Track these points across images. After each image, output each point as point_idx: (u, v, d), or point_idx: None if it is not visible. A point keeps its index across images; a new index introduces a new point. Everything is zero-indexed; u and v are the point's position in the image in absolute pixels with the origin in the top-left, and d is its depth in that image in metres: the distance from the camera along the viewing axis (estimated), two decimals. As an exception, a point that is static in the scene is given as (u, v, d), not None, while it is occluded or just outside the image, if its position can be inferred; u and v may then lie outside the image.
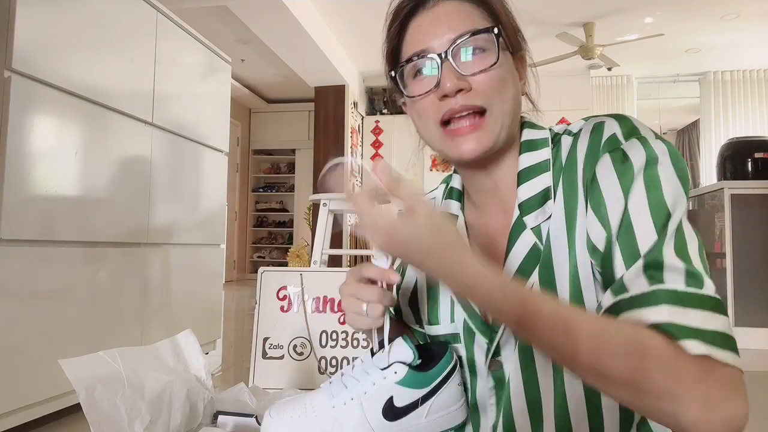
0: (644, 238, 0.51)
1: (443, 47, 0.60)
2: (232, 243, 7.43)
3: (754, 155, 3.26)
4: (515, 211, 0.63)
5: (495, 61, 0.59)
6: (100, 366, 0.73)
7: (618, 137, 0.56)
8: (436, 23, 0.61)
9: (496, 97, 0.60)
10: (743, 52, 5.81)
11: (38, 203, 1.64)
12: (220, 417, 0.88)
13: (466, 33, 0.59)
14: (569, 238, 0.59)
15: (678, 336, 0.46)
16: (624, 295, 0.51)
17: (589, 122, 0.61)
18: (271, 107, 7.98)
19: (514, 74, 0.63)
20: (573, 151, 0.60)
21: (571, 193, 0.59)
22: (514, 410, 0.63)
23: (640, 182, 0.53)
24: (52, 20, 1.68)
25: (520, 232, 0.62)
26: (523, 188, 0.63)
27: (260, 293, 1.79)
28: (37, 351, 1.62)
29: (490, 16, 0.62)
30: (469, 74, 0.59)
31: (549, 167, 0.62)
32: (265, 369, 1.72)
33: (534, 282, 0.60)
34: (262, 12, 4.14)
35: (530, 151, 0.64)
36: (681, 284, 0.48)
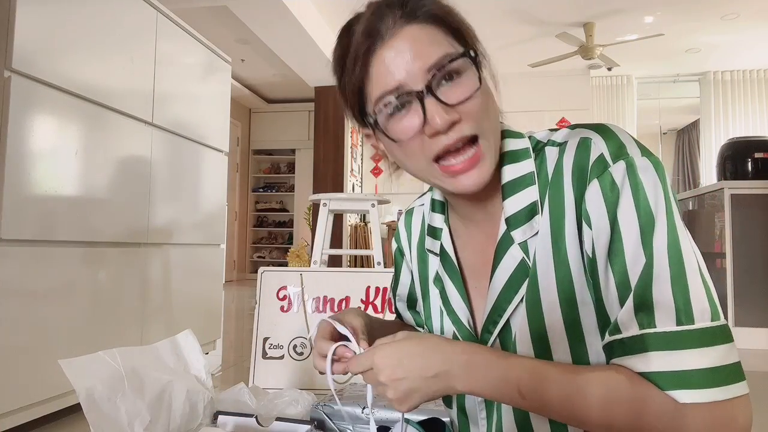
0: (635, 266, 0.51)
1: (419, 80, 0.55)
2: (232, 243, 7.43)
3: (754, 155, 3.26)
4: (502, 225, 0.62)
5: (479, 85, 0.56)
6: (100, 366, 0.73)
7: (606, 158, 0.54)
8: (401, 55, 0.55)
9: (485, 120, 0.57)
10: (743, 52, 5.81)
11: (38, 203, 1.63)
12: (220, 417, 0.88)
13: (440, 61, 0.55)
14: (557, 255, 0.57)
15: (665, 387, 0.48)
16: (616, 336, 0.52)
17: (574, 134, 0.58)
18: (271, 107, 7.98)
19: (489, 87, 0.60)
20: (559, 166, 0.58)
21: (558, 211, 0.57)
22: (505, 427, 0.63)
23: (629, 209, 0.52)
24: (52, 20, 1.68)
25: (508, 247, 0.61)
26: (510, 202, 0.61)
27: (260, 293, 1.79)
28: (37, 351, 1.62)
29: (453, 34, 0.57)
30: (456, 104, 0.55)
31: (534, 180, 0.60)
32: (265, 369, 1.72)
33: (521, 299, 0.60)
34: (262, 12, 4.14)
35: (513, 163, 0.62)
36: (671, 324, 0.49)
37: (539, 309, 0.58)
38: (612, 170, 0.53)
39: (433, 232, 0.72)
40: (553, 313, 0.58)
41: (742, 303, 3.05)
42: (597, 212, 0.53)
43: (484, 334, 0.63)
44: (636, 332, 0.50)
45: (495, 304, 0.62)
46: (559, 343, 0.57)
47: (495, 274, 0.62)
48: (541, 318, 0.58)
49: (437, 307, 0.71)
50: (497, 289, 0.61)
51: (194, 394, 0.83)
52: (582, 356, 0.57)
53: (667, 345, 0.48)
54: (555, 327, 0.57)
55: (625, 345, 0.51)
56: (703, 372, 0.47)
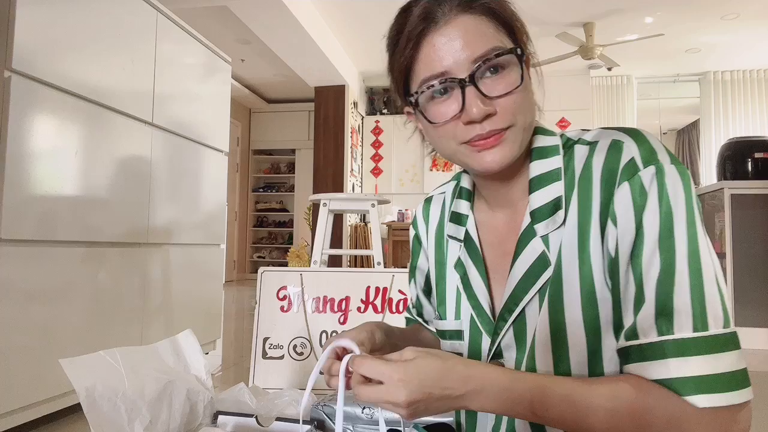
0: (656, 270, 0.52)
1: (464, 69, 0.57)
2: (232, 243, 7.43)
3: (754, 155, 3.26)
4: (526, 218, 0.64)
5: (520, 82, 0.58)
6: (100, 366, 0.73)
7: (637, 162, 0.55)
8: (452, 42, 0.57)
9: (519, 116, 0.59)
10: (743, 52, 5.81)
11: (38, 203, 1.64)
12: (220, 417, 0.88)
13: (487, 54, 0.57)
14: (581, 252, 0.59)
15: (685, 392, 0.49)
16: (634, 341, 0.53)
17: (606, 135, 0.60)
18: (271, 107, 7.98)
19: (530, 84, 0.62)
20: (588, 165, 0.60)
21: (586, 208, 0.59)
22: (517, 426, 0.63)
23: (655, 214, 0.53)
24: (52, 20, 1.68)
25: (530, 239, 0.63)
26: (536, 196, 0.63)
27: (260, 293, 1.79)
28: (37, 351, 1.62)
29: (505, 28, 0.60)
30: (494, 97, 0.57)
31: (561, 176, 0.62)
32: (265, 369, 1.72)
33: (537, 289, 0.62)
34: (262, 12, 4.14)
35: (542, 159, 0.64)
36: (688, 330, 0.50)
37: (561, 303, 0.60)
38: (642, 174, 0.55)
39: (458, 218, 0.73)
40: (573, 308, 0.59)
41: (742, 303, 3.06)
42: (624, 214, 0.55)
43: (500, 321, 0.65)
44: (655, 338, 0.51)
45: (512, 293, 0.63)
46: (577, 339, 0.59)
47: (515, 264, 0.64)
48: (561, 312, 0.60)
49: (453, 290, 0.73)
50: (516, 278, 0.63)
51: (194, 394, 0.83)
52: (597, 353, 0.58)
53: (684, 351, 0.50)
54: (574, 322, 0.59)
55: (643, 351, 0.52)
56: (719, 376, 0.49)
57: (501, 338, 0.64)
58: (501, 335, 0.64)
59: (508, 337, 0.64)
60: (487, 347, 0.66)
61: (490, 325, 0.66)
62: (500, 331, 0.64)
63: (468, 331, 0.69)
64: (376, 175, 6.96)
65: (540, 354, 0.61)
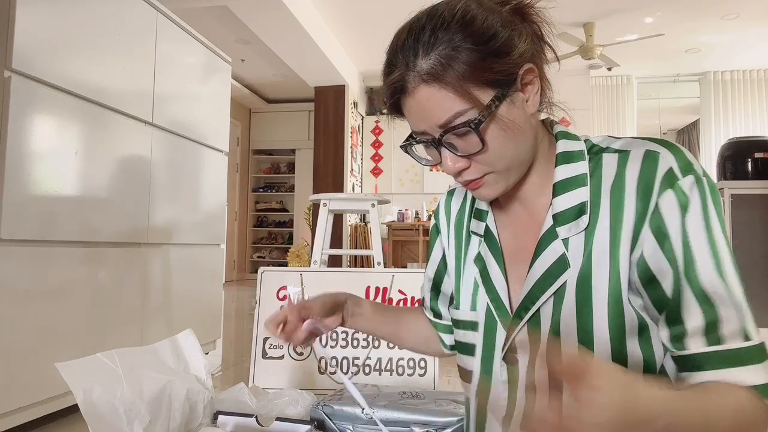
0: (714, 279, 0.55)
1: (435, 132, 0.61)
2: (232, 243, 7.43)
3: (754, 155, 3.26)
4: (548, 219, 0.65)
5: (480, 147, 0.60)
6: (97, 368, 0.73)
7: (675, 172, 0.57)
8: (420, 110, 0.61)
9: (495, 164, 0.62)
10: (743, 52, 5.81)
11: (38, 203, 1.63)
12: (220, 417, 0.88)
13: (447, 122, 0.59)
14: (612, 258, 0.60)
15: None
16: (716, 347, 0.55)
17: (638, 144, 0.62)
18: (271, 107, 7.98)
19: (512, 122, 0.60)
20: (621, 174, 0.61)
21: (617, 216, 0.60)
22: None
23: (700, 226, 0.56)
24: (52, 20, 1.68)
25: (551, 241, 0.64)
26: (560, 200, 0.64)
27: (260, 293, 1.79)
28: (37, 351, 1.62)
29: (462, 92, 0.58)
30: (463, 155, 0.61)
31: (586, 181, 0.63)
32: (265, 369, 1.72)
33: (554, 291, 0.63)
34: (262, 12, 4.14)
35: (567, 164, 0.65)
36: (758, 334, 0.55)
37: (589, 307, 0.61)
38: (681, 183, 0.57)
39: (480, 214, 0.75)
40: (601, 313, 0.60)
41: (742, 303, 3.05)
42: (673, 222, 0.57)
43: (516, 318, 0.66)
44: (742, 344, 0.54)
45: (530, 292, 0.65)
46: (602, 344, 0.60)
47: (535, 264, 0.65)
48: (589, 315, 0.61)
49: (470, 282, 0.74)
50: (534, 277, 0.65)
51: (194, 394, 0.83)
52: (621, 362, 0.59)
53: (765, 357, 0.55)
54: (601, 327, 0.60)
55: (729, 357, 0.54)
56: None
57: (516, 334, 0.66)
58: (516, 331, 0.66)
59: (522, 333, 0.65)
60: (501, 341, 0.68)
61: (507, 318, 0.67)
62: (516, 327, 0.66)
63: (483, 323, 0.71)
64: (376, 175, 6.96)
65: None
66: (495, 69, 0.58)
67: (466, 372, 0.74)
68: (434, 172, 6.80)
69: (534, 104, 0.63)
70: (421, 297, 0.93)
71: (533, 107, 0.63)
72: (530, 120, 0.63)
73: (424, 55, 0.58)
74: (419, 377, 1.70)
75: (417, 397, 1.08)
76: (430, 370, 1.71)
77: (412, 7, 0.66)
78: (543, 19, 0.67)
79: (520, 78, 0.61)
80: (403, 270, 1.91)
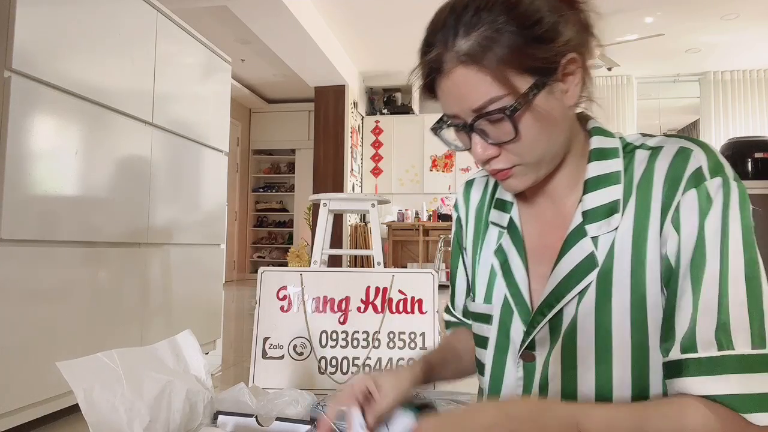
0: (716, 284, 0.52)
1: (467, 116, 0.59)
2: (232, 243, 7.43)
3: (754, 155, 3.26)
4: (577, 216, 0.63)
5: (513, 136, 0.58)
6: (98, 368, 0.73)
7: (704, 172, 0.56)
8: (455, 92, 0.59)
9: (526, 155, 0.60)
10: (743, 52, 5.81)
11: (38, 203, 1.63)
12: (220, 417, 0.88)
13: (481, 107, 0.57)
14: (636, 256, 0.59)
15: (744, 410, 0.49)
16: (693, 354, 0.52)
17: (672, 142, 0.60)
18: (271, 107, 7.98)
19: (548, 114, 0.58)
20: (650, 170, 0.60)
21: (644, 212, 0.59)
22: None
23: (718, 226, 0.54)
24: (52, 20, 1.68)
25: (579, 239, 0.62)
26: (590, 197, 0.62)
27: (260, 293, 1.79)
28: (37, 351, 1.62)
29: (501, 77, 0.56)
30: (495, 143, 0.59)
31: (620, 179, 0.61)
32: (265, 369, 1.72)
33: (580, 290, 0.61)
34: (262, 12, 4.14)
35: (600, 160, 0.63)
36: (748, 347, 0.50)
37: (608, 306, 0.60)
38: (708, 184, 0.55)
39: (503, 205, 0.73)
40: (622, 312, 0.59)
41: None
42: (689, 221, 0.55)
43: (537, 316, 0.64)
44: (715, 353, 0.51)
45: (554, 290, 0.63)
46: (622, 343, 0.59)
47: (561, 261, 0.63)
48: (609, 314, 0.59)
49: (486, 274, 0.72)
50: (559, 275, 0.63)
51: (194, 394, 0.83)
52: (642, 361, 0.58)
53: (746, 368, 0.50)
54: (621, 325, 0.59)
55: (702, 365, 0.52)
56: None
57: (537, 332, 0.64)
58: (537, 329, 0.64)
59: (543, 331, 0.64)
60: (519, 337, 0.66)
61: (527, 315, 0.66)
62: (537, 324, 0.64)
63: (498, 316, 0.69)
64: (376, 175, 6.96)
65: (582, 355, 0.61)
66: (537, 56, 0.56)
67: (480, 364, 0.72)
68: (434, 171, 6.81)
69: (573, 96, 0.61)
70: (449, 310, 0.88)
71: (572, 99, 0.61)
72: (567, 113, 0.61)
73: (464, 36, 0.56)
74: (419, 377, 1.70)
75: (417, 397, 1.08)
76: (430, 370, 1.71)
77: (412, 8, 0.66)
78: (591, 8, 0.64)
79: (562, 67, 0.58)
80: (403, 270, 1.91)
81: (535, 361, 0.65)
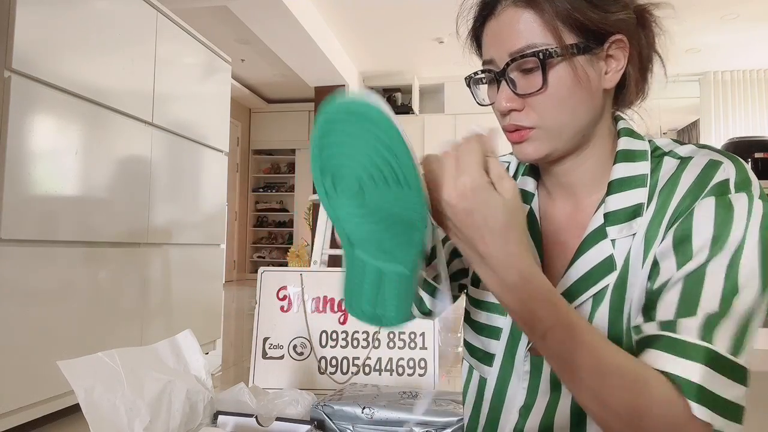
0: (707, 300, 0.51)
1: (502, 61, 0.59)
2: (232, 243, 7.43)
3: (754, 155, 3.26)
4: (598, 217, 0.62)
5: (540, 86, 0.57)
6: (99, 367, 0.73)
7: (729, 185, 0.54)
8: (498, 33, 0.60)
9: (548, 116, 0.59)
10: (743, 52, 5.81)
11: (38, 203, 1.64)
12: (220, 417, 0.88)
13: (518, 51, 0.58)
14: (644, 261, 0.58)
15: (689, 395, 0.48)
16: (671, 333, 0.51)
17: (704, 153, 0.58)
18: (271, 107, 7.98)
19: (581, 80, 0.58)
20: (676, 178, 0.58)
21: (658, 220, 0.58)
22: (559, 412, 0.63)
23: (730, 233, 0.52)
24: (52, 20, 1.68)
25: (598, 240, 0.61)
26: (614, 198, 0.61)
27: (260, 293, 1.79)
28: (37, 351, 1.62)
29: (548, 25, 0.57)
30: (521, 94, 0.59)
31: (646, 182, 0.60)
32: (265, 369, 1.72)
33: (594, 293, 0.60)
34: (262, 12, 4.14)
35: (627, 162, 0.62)
36: (724, 351, 0.49)
37: (621, 311, 0.59)
38: (732, 197, 0.53)
39: (524, 196, 0.71)
40: (632, 318, 0.58)
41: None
42: (700, 222, 0.53)
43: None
44: (693, 340, 0.50)
45: (569, 289, 0.62)
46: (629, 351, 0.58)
47: (577, 261, 0.62)
48: (621, 320, 0.59)
49: None
50: (573, 276, 0.62)
51: (194, 394, 0.83)
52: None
53: (716, 366, 0.49)
54: (631, 335, 0.58)
55: (676, 345, 0.50)
56: (731, 404, 0.49)
57: None
58: None
59: None
60: None
61: None
62: None
63: None
64: (376, 175, 6.95)
65: None
66: (589, 16, 0.57)
67: (487, 355, 0.71)
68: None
69: (611, 81, 0.61)
70: None
71: (610, 83, 0.61)
72: (600, 94, 0.61)
73: None
74: (419, 377, 1.70)
75: (417, 397, 1.08)
76: (430, 370, 1.71)
77: (413, 8, 0.67)
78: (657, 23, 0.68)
79: (608, 44, 0.59)
80: (403, 270, 1.91)
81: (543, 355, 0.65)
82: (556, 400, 0.63)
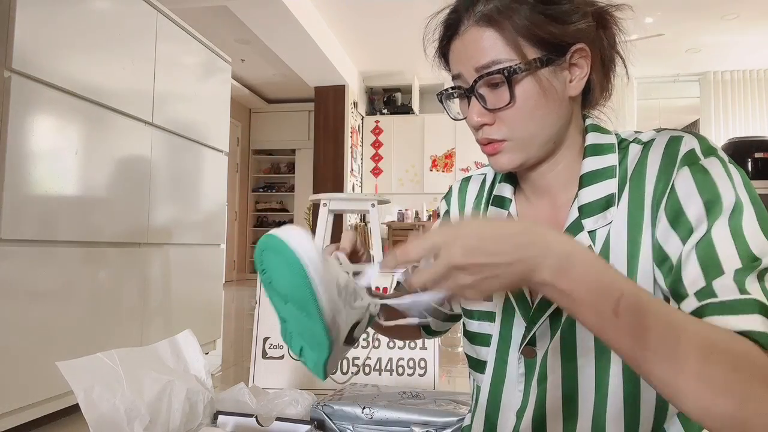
0: (726, 260, 0.50)
1: (471, 77, 0.61)
2: (232, 243, 7.43)
3: (754, 155, 3.26)
4: (573, 212, 0.63)
5: (508, 101, 0.60)
6: (98, 367, 0.73)
7: (697, 153, 0.56)
8: (464, 51, 0.62)
9: (518, 128, 0.61)
10: (743, 52, 5.81)
11: (38, 203, 1.64)
12: (220, 417, 0.88)
13: (484, 67, 0.60)
14: (632, 247, 0.59)
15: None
16: (713, 299, 0.49)
17: (662, 134, 0.61)
18: (271, 107, 7.98)
19: (546, 91, 0.60)
20: (643, 161, 0.60)
21: (637, 204, 0.59)
22: (548, 404, 0.63)
23: (719, 190, 0.53)
24: (52, 20, 1.68)
25: (577, 233, 0.62)
26: (586, 191, 0.63)
27: (260, 293, 1.79)
28: (37, 351, 1.62)
29: (511, 42, 0.59)
30: (491, 109, 0.61)
31: (615, 173, 0.62)
32: (265, 369, 1.72)
33: None
34: (262, 12, 4.14)
35: (595, 156, 0.64)
36: (762, 298, 0.48)
37: None
38: (703, 163, 0.55)
39: (501, 201, 0.73)
40: None
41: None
42: (686, 193, 0.54)
43: (537, 312, 0.64)
44: (738, 296, 0.48)
45: None
46: None
47: None
48: None
49: None
50: None
51: (194, 394, 0.83)
52: None
53: (766, 313, 0.47)
54: None
55: (725, 306, 0.48)
56: None
57: (537, 327, 0.64)
58: (538, 324, 0.64)
59: (544, 326, 0.64)
60: (520, 333, 0.66)
61: (527, 311, 0.66)
62: (537, 320, 0.64)
63: (500, 314, 0.69)
64: (376, 175, 6.96)
65: (582, 349, 0.61)
66: (549, 30, 0.59)
67: (480, 362, 0.72)
68: (434, 171, 6.81)
69: (576, 89, 0.62)
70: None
71: (574, 90, 0.62)
72: (567, 102, 0.63)
73: (486, 1, 0.60)
74: (419, 377, 1.70)
75: (417, 397, 1.08)
76: (430, 370, 1.71)
77: (413, 8, 0.68)
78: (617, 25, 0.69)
79: (570, 54, 0.61)
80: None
81: (536, 356, 0.65)
82: (544, 391, 0.64)
